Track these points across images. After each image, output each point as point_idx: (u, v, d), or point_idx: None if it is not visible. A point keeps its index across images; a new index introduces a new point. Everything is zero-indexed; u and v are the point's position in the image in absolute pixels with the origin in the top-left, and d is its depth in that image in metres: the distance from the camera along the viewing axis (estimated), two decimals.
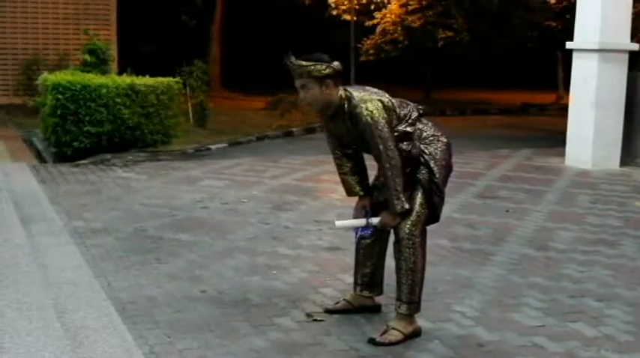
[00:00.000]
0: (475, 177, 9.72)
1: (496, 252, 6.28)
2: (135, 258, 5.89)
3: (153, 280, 5.36)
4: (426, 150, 4.38)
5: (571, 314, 4.84)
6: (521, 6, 21.82)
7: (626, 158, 10.93)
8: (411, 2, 20.65)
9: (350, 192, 4.68)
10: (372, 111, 4.21)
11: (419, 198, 4.37)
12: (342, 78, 4.36)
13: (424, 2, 20.88)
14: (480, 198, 8.52)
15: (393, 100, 4.40)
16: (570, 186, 9.40)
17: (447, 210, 7.70)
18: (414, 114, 4.44)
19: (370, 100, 4.26)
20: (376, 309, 4.78)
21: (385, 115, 4.24)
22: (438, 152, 4.41)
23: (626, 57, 10.82)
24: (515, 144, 13.28)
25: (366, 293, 4.76)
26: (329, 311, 4.76)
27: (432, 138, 4.43)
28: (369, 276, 4.73)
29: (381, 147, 4.21)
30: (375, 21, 22.14)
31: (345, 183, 4.68)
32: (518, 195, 8.67)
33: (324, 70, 4.26)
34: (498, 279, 5.54)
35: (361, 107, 4.23)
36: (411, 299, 4.39)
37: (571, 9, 14.34)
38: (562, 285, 5.43)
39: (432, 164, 4.36)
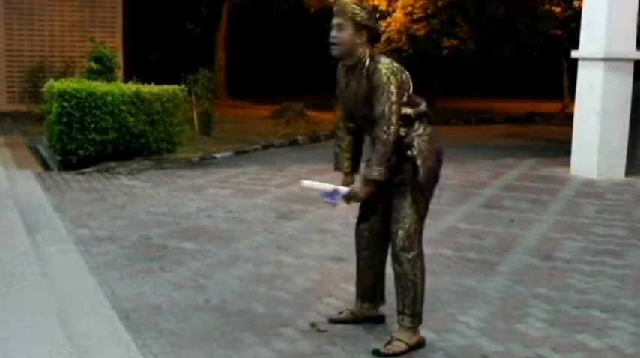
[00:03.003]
0: (480, 187, 9.71)
1: (501, 261, 6.27)
2: (139, 267, 5.90)
3: (157, 289, 5.36)
4: (416, 144, 4.31)
5: (576, 325, 4.83)
6: (527, 14, 21.81)
7: (632, 168, 10.91)
8: (415, 11, 20.66)
9: (337, 166, 4.73)
10: (389, 75, 4.24)
11: (408, 207, 4.34)
12: (374, 42, 4.44)
13: (429, 11, 20.88)
14: (485, 207, 8.51)
15: (411, 84, 4.40)
16: (575, 195, 9.39)
17: (451, 220, 7.73)
18: (422, 107, 4.40)
19: (393, 69, 4.28)
20: (380, 319, 4.78)
21: (399, 86, 4.26)
22: (428, 153, 4.33)
23: (631, 66, 10.81)
24: (520, 154, 13.26)
25: (367, 305, 4.75)
26: (333, 321, 4.76)
27: (426, 137, 4.37)
28: (370, 289, 4.72)
29: (386, 108, 4.20)
30: (380, 30, 22.15)
31: (336, 155, 4.72)
32: (523, 205, 8.66)
33: (367, 19, 4.34)
34: (503, 289, 5.53)
35: (383, 65, 4.27)
36: (414, 312, 4.39)
37: (576, 17, 14.34)
38: (567, 296, 5.42)
39: (418, 161, 4.29)
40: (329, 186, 4.48)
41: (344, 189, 4.42)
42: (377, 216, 4.55)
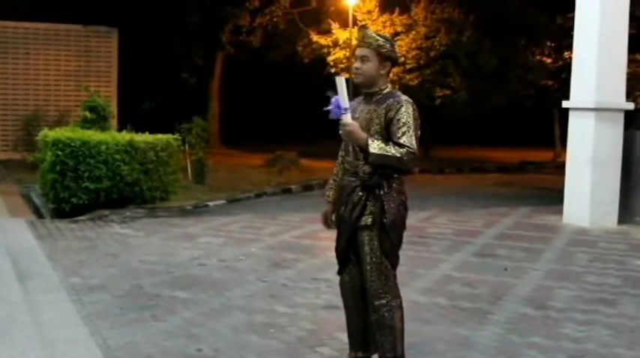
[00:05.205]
0: (473, 235, 9.70)
1: (494, 310, 6.25)
2: (131, 316, 5.85)
3: (149, 338, 5.32)
4: (385, 186, 4.35)
5: None
6: (518, 65, 22.07)
7: (624, 216, 10.92)
8: (408, 61, 20.88)
9: (325, 194, 4.81)
10: (415, 112, 4.30)
11: (376, 254, 4.35)
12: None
13: (422, 61, 21.11)
14: (478, 256, 8.50)
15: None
16: (568, 244, 9.38)
17: (445, 268, 7.71)
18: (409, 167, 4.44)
19: (415, 108, 4.32)
20: None
21: (418, 126, 4.32)
22: (393, 198, 4.37)
23: (621, 116, 10.90)
24: (513, 202, 13.29)
25: (361, 354, 4.71)
26: None
27: (396, 186, 4.39)
28: (362, 337, 4.68)
29: (410, 133, 4.22)
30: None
31: (329, 185, 4.79)
32: (517, 254, 8.65)
33: (392, 51, 4.42)
34: (497, 339, 5.50)
35: (406, 103, 4.31)
36: (395, 355, 4.38)
37: (567, 68, 14.51)
38: (561, 345, 5.39)
39: (385, 202, 4.33)
40: (346, 104, 4.33)
41: (348, 117, 4.32)
42: (354, 267, 4.55)
